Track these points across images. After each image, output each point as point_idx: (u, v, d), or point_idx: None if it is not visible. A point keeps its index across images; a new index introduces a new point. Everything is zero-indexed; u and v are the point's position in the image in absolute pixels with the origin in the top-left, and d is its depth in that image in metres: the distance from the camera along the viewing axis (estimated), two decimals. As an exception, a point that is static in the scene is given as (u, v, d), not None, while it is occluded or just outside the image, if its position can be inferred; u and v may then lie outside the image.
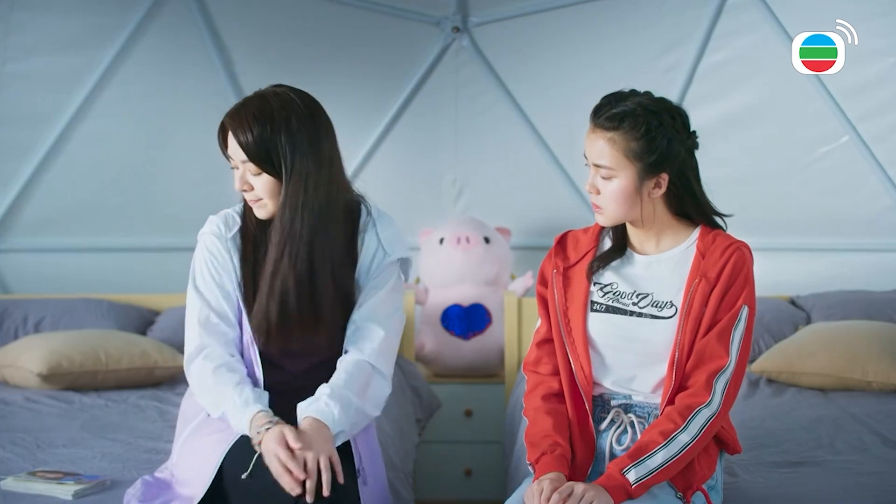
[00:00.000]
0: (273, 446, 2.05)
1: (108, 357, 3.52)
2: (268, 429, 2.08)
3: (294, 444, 2.04)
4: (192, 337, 2.25)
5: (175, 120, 4.28)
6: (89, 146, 4.25)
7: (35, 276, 4.34)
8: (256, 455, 2.09)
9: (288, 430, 2.07)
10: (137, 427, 3.06)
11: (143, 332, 3.95)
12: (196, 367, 2.23)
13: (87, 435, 2.94)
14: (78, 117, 4.21)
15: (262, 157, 2.18)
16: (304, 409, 2.15)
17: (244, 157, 2.19)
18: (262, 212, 2.24)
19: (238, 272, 2.26)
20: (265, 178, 2.20)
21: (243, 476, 2.09)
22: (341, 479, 2.07)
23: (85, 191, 4.29)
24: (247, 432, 2.13)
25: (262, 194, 2.21)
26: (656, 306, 2.11)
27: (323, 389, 2.18)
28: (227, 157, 2.24)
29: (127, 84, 4.21)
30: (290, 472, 2.03)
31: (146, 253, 4.32)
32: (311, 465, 2.03)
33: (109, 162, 4.29)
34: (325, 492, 2.02)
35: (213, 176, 4.24)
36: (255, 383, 2.23)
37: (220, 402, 2.17)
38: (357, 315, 2.28)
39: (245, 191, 2.23)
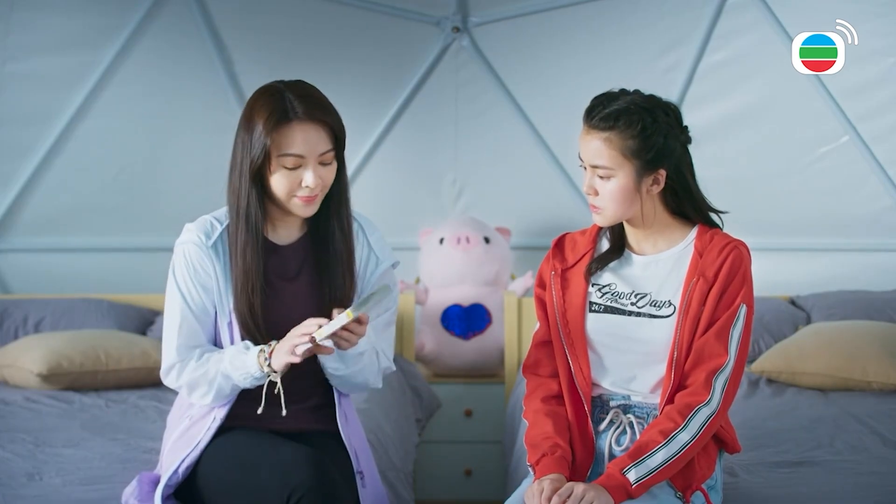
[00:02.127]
0: (284, 344, 2.09)
1: (108, 357, 3.52)
2: (271, 350, 2.11)
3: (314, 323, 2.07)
4: (171, 352, 2.21)
5: (175, 120, 4.28)
6: (89, 146, 4.25)
7: (35, 276, 4.34)
8: (278, 386, 2.13)
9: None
10: (137, 427, 3.07)
11: (143, 332, 3.95)
12: (176, 373, 2.22)
13: (87, 435, 2.95)
14: (78, 117, 4.21)
15: (342, 143, 2.18)
16: None
17: (330, 145, 2.15)
18: (314, 208, 2.19)
19: (221, 280, 2.20)
20: (333, 166, 2.18)
21: (283, 414, 2.14)
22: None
23: (85, 191, 4.29)
24: (256, 373, 2.12)
25: (328, 185, 2.18)
26: (654, 305, 2.11)
27: None
28: (290, 156, 2.12)
29: (127, 84, 4.21)
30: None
31: (146, 253, 4.32)
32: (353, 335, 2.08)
33: (109, 162, 4.29)
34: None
35: (213, 176, 4.21)
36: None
37: (210, 376, 2.17)
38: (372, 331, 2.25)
39: (314, 187, 2.16)
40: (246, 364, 2.14)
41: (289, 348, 2.08)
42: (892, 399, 3.23)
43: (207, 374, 2.17)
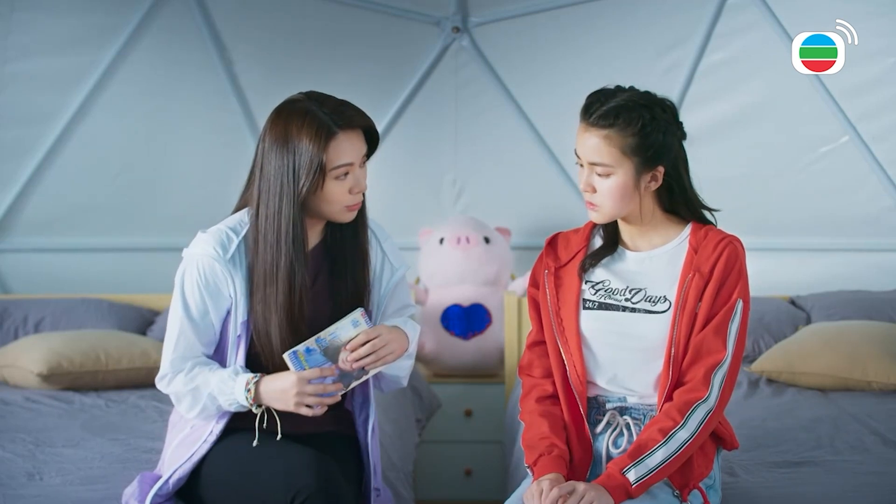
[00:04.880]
0: (281, 380, 2.11)
1: (108, 357, 3.52)
2: (256, 381, 2.13)
3: (320, 373, 2.12)
4: (166, 363, 2.21)
5: (175, 120, 4.28)
6: (89, 146, 4.25)
7: (35, 276, 4.34)
8: (258, 415, 2.14)
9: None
10: (137, 427, 3.07)
11: (143, 332, 3.95)
12: (167, 382, 2.22)
13: (87, 435, 2.95)
14: (78, 117, 4.21)
15: (376, 141, 2.23)
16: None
17: (366, 146, 2.20)
18: (355, 213, 2.22)
19: (238, 295, 2.17)
20: (366, 166, 2.21)
21: (254, 443, 2.14)
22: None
23: (85, 191, 4.29)
24: (242, 401, 2.14)
25: (365, 185, 2.21)
26: (650, 301, 2.11)
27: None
28: (342, 166, 2.13)
29: (127, 84, 4.21)
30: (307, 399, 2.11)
31: (146, 253, 4.32)
32: (380, 343, 2.14)
33: (109, 162, 4.29)
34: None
35: (213, 176, 4.25)
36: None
37: (199, 394, 2.16)
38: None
39: (360, 191, 2.19)
40: (233, 391, 2.14)
41: (296, 403, 2.11)
42: (892, 399, 3.23)
43: (196, 390, 2.17)
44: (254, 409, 2.15)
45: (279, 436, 2.16)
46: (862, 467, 2.55)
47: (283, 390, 2.12)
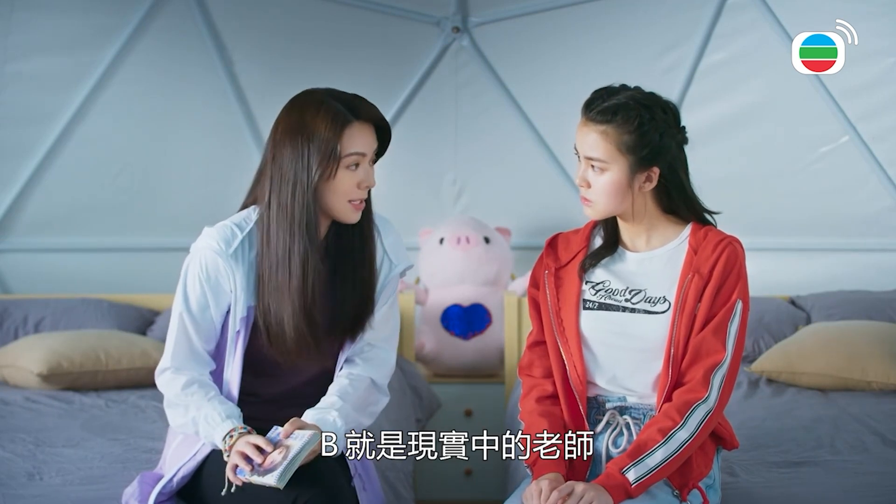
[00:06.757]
0: (241, 443, 2.06)
1: (108, 357, 3.52)
2: (241, 432, 2.08)
3: (264, 445, 2.04)
4: (167, 356, 2.21)
5: (175, 120, 4.29)
6: (89, 146, 4.25)
7: (35, 276, 4.34)
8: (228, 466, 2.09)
9: (258, 437, 2.07)
10: (137, 427, 3.07)
11: (143, 332, 3.95)
12: (166, 379, 2.21)
13: (87, 435, 2.95)
14: (78, 117, 4.21)
15: (387, 139, 2.23)
16: (311, 418, 2.14)
17: (377, 143, 2.20)
18: (360, 213, 2.20)
19: (239, 289, 2.17)
20: (374, 166, 2.21)
21: (222, 493, 2.08)
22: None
23: (85, 191, 4.29)
24: (218, 442, 2.11)
25: (373, 184, 2.21)
26: (649, 301, 2.11)
27: (331, 402, 2.17)
28: (354, 154, 2.14)
29: (127, 84, 4.21)
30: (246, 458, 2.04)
31: (146, 253, 4.33)
32: (298, 443, 2.03)
33: (109, 162, 4.29)
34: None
35: (213, 176, 4.26)
36: (230, 398, 2.20)
37: (187, 413, 2.16)
38: (368, 333, 2.27)
39: (368, 187, 2.19)
40: (213, 433, 2.12)
41: (230, 465, 2.06)
42: (892, 399, 3.23)
43: (186, 408, 2.17)
44: (225, 458, 2.10)
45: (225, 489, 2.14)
46: (862, 467, 2.55)
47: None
